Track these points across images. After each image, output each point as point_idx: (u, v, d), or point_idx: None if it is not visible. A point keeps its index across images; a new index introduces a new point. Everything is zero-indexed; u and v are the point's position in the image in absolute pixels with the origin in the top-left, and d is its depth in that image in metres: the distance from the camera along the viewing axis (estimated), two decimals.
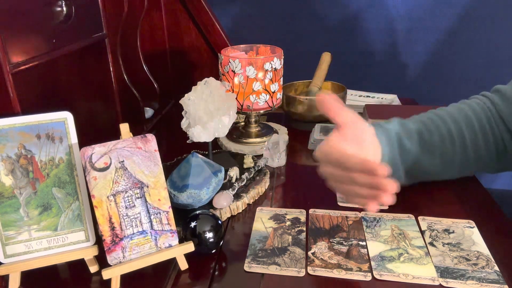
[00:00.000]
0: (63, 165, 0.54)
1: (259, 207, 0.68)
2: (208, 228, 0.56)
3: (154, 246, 0.54)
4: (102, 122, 0.80)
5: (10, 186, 0.53)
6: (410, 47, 1.40)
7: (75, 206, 0.55)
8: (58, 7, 0.63)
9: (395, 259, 0.56)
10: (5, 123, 0.52)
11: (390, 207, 0.67)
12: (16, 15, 0.55)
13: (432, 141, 0.66)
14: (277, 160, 0.78)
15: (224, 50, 0.87)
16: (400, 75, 1.45)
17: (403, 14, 1.36)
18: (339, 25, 1.42)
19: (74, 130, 0.55)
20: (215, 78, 0.73)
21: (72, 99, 0.73)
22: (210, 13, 1.07)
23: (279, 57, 0.84)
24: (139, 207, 0.54)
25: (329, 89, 1.10)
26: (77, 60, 0.72)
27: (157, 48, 1.14)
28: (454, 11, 1.33)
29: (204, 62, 1.15)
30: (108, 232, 0.52)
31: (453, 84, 1.40)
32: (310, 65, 1.10)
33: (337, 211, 0.66)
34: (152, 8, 1.09)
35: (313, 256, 0.57)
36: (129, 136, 0.55)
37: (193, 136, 0.70)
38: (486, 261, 0.55)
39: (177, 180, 0.65)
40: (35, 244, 0.54)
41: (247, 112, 0.87)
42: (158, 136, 0.57)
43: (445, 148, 0.66)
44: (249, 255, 0.57)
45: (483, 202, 0.69)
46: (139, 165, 0.54)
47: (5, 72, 0.52)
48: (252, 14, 1.45)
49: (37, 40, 0.59)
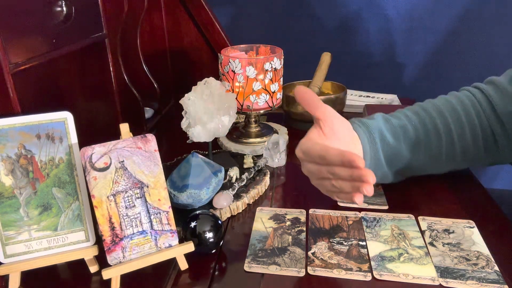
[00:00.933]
0: (63, 165, 0.54)
1: (259, 207, 0.68)
2: (208, 228, 0.56)
3: (154, 246, 0.54)
4: (102, 122, 0.80)
5: (10, 186, 0.53)
6: (410, 47, 1.40)
7: (75, 206, 0.55)
8: (58, 7, 0.63)
9: (395, 259, 0.56)
10: (5, 123, 0.52)
11: (390, 207, 0.67)
12: (16, 15, 0.55)
13: (417, 136, 0.65)
14: (277, 160, 0.78)
15: (224, 50, 0.87)
16: (400, 75, 1.45)
17: (403, 14, 1.36)
18: (339, 25, 1.42)
19: (74, 130, 0.55)
20: (215, 78, 0.73)
21: (72, 99, 0.73)
22: (210, 13, 1.07)
23: (279, 57, 0.84)
24: (139, 207, 0.54)
25: (329, 89, 1.10)
26: (77, 60, 0.72)
27: (157, 48, 1.14)
28: (454, 11, 1.33)
29: (204, 62, 1.15)
30: (108, 232, 0.52)
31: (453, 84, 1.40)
32: (310, 65, 1.10)
33: (337, 211, 0.66)
34: (152, 8, 1.09)
35: (313, 256, 0.57)
36: (129, 136, 0.55)
37: (193, 136, 0.70)
38: (486, 261, 0.55)
39: (177, 180, 0.65)
40: (35, 244, 0.54)
41: (247, 112, 0.87)
42: (158, 136, 0.57)
43: (431, 143, 0.65)
44: (249, 255, 0.57)
45: (483, 202, 0.69)
46: (139, 165, 0.54)
47: (5, 72, 0.52)
48: (252, 14, 1.45)
49: (37, 40, 0.59)
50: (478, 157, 0.67)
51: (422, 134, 0.65)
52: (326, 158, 0.55)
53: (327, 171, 0.56)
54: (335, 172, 0.54)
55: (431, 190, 0.71)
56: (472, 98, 0.67)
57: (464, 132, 0.65)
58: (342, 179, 0.54)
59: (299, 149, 0.60)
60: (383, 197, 0.70)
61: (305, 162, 0.60)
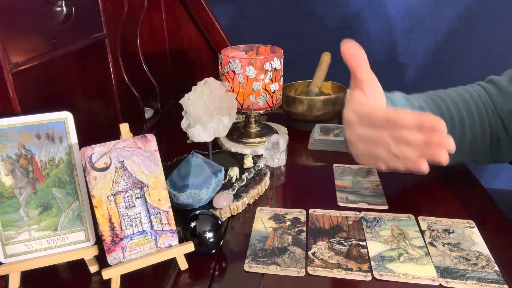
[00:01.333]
0: (63, 165, 0.54)
1: (259, 207, 0.68)
2: (208, 228, 0.56)
3: (154, 246, 0.54)
4: (102, 122, 0.80)
5: (10, 186, 0.53)
6: (410, 47, 1.40)
7: (75, 206, 0.55)
8: (58, 7, 0.63)
9: (395, 259, 0.56)
10: (5, 123, 0.52)
11: (390, 207, 0.67)
12: (16, 15, 0.55)
13: None
14: (277, 160, 0.78)
15: (224, 50, 0.87)
16: (400, 75, 1.45)
17: (403, 14, 1.36)
18: (339, 25, 1.42)
19: (74, 130, 0.55)
20: (215, 78, 0.73)
21: (72, 99, 0.73)
22: (210, 13, 1.07)
23: (279, 57, 0.84)
24: (139, 207, 0.54)
25: (329, 89, 1.10)
26: (77, 60, 0.72)
27: (157, 48, 1.14)
28: (454, 11, 1.33)
29: (204, 62, 1.15)
30: (108, 232, 0.52)
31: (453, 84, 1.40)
32: (310, 65, 1.10)
33: (337, 211, 0.66)
34: (152, 8, 1.09)
35: (313, 256, 0.57)
36: (129, 136, 0.55)
37: (193, 136, 0.70)
38: (486, 261, 0.55)
39: (177, 180, 0.65)
40: (35, 244, 0.54)
41: (247, 112, 0.87)
42: (158, 136, 0.57)
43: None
44: (249, 255, 0.57)
45: (483, 202, 0.69)
46: (139, 165, 0.54)
47: (5, 72, 0.52)
48: (252, 14, 1.45)
49: (37, 40, 0.59)
50: (483, 151, 0.67)
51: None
52: (398, 121, 0.49)
53: (389, 136, 0.50)
54: (404, 136, 0.49)
55: (431, 190, 0.71)
56: (478, 92, 0.68)
57: (474, 123, 0.65)
58: (410, 145, 0.49)
59: (352, 111, 0.54)
60: (383, 197, 0.70)
61: (356, 126, 0.54)
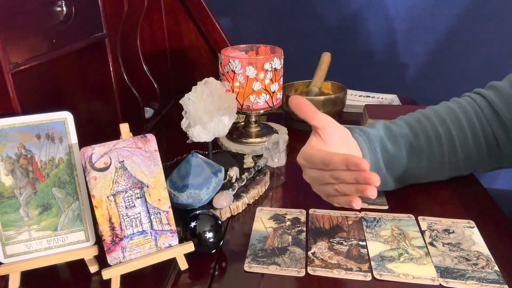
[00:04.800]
0: (63, 165, 0.54)
1: (259, 207, 0.68)
2: (208, 228, 0.56)
3: (154, 246, 0.54)
4: (102, 122, 0.80)
5: (10, 186, 0.53)
6: (410, 47, 1.40)
7: (75, 206, 0.55)
8: (58, 7, 0.63)
9: (395, 259, 0.56)
10: (5, 123, 0.52)
11: (390, 207, 0.67)
12: (16, 15, 0.55)
13: (419, 144, 0.65)
14: (277, 160, 0.78)
15: (224, 50, 0.87)
16: (400, 75, 1.45)
17: (403, 14, 1.36)
18: (339, 25, 1.42)
19: (74, 130, 0.55)
20: (215, 78, 0.73)
21: (72, 99, 0.73)
22: (210, 13, 1.07)
23: (279, 57, 0.84)
24: (139, 207, 0.54)
25: (329, 89, 1.10)
26: (77, 60, 0.72)
27: (157, 48, 1.14)
28: (454, 11, 1.33)
29: (204, 62, 1.15)
30: (108, 232, 0.52)
31: (453, 84, 1.40)
32: (310, 65, 1.10)
33: (337, 211, 0.66)
34: (152, 8, 1.09)
35: (313, 256, 0.57)
36: (129, 136, 0.55)
37: (193, 136, 0.70)
38: (486, 261, 0.55)
39: (177, 180, 0.65)
40: (35, 244, 0.54)
41: (247, 112, 0.87)
42: (158, 136, 0.57)
43: (433, 150, 0.65)
44: (249, 255, 0.57)
45: (483, 202, 0.69)
46: (139, 165, 0.54)
47: (5, 72, 0.52)
48: (252, 14, 1.45)
49: (37, 40, 0.59)
50: (481, 163, 0.67)
51: (424, 142, 0.65)
52: (330, 163, 0.55)
53: (330, 176, 0.57)
54: (339, 176, 0.55)
55: (431, 190, 0.71)
56: (474, 104, 0.67)
57: (466, 138, 0.65)
58: (346, 183, 0.55)
59: (301, 156, 0.61)
60: (383, 197, 0.70)
61: (306, 169, 0.61)
